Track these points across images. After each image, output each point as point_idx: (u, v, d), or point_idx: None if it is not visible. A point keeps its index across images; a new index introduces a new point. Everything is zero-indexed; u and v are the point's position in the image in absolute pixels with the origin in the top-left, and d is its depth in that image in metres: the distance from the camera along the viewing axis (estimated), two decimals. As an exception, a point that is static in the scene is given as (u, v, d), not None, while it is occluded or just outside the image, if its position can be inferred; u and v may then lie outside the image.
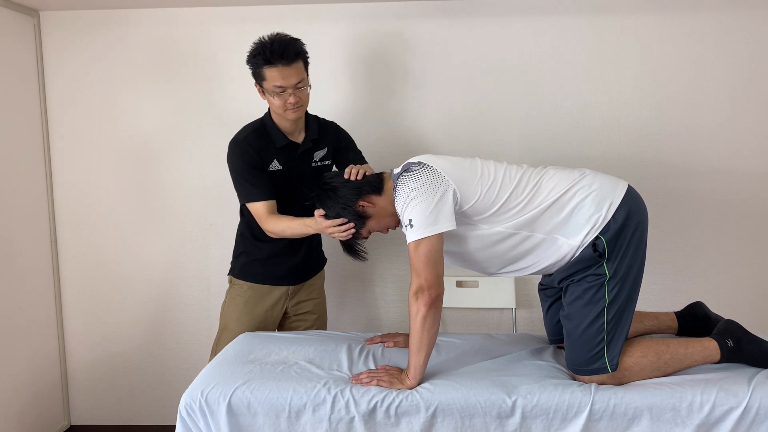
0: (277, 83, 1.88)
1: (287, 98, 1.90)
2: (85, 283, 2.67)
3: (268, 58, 1.86)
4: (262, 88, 1.95)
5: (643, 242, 1.66)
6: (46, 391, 2.61)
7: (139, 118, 2.58)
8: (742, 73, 2.42)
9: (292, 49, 1.89)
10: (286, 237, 1.98)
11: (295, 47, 1.90)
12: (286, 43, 1.88)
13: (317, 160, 2.11)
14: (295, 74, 1.90)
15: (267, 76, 1.89)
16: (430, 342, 1.60)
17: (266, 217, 1.96)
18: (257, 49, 1.89)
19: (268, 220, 1.96)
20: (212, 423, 1.56)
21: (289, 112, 1.94)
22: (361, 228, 1.73)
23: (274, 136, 2.01)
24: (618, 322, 1.62)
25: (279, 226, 1.94)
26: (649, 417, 1.51)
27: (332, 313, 2.66)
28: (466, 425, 1.53)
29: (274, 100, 1.92)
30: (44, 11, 2.53)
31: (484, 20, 2.46)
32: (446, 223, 1.57)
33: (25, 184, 2.49)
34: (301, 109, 1.97)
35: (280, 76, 1.87)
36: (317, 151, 2.10)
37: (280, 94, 1.90)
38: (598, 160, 2.48)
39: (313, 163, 2.09)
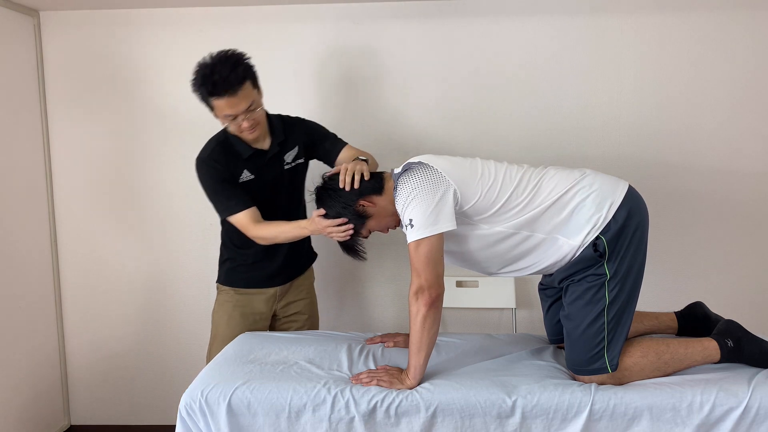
0: (225, 112, 1.80)
1: (240, 123, 1.83)
2: (85, 283, 2.67)
3: (211, 91, 1.76)
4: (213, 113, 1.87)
5: (644, 242, 1.66)
6: (46, 391, 2.61)
7: (139, 117, 2.58)
8: (742, 73, 2.42)
9: (236, 76, 1.76)
10: (279, 242, 1.95)
11: (238, 72, 1.76)
12: (229, 69, 1.75)
13: (289, 162, 2.04)
14: (244, 100, 1.79)
15: (215, 105, 1.80)
16: (430, 342, 1.60)
17: (252, 225, 1.90)
18: (200, 79, 1.77)
19: (255, 228, 1.90)
20: (212, 423, 1.56)
21: (246, 134, 1.88)
22: (361, 227, 1.73)
23: (238, 147, 1.94)
24: (618, 322, 1.62)
25: (269, 232, 1.90)
26: (649, 417, 1.51)
27: (331, 313, 2.67)
28: (466, 425, 1.53)
29: (228, 125, 1.87)
30: (44, 11, 2.53)
31: (484, 20, 2.46)
32: (446, 223, 1.57)
33: (25, 184, 2.49)
34: (258, 128, 1.89)
35: (228, 106, 1.78)
36: (287, 153, 2.03)
37: (231, 121, 1.83)
38: (598, 160, 2.48)
39: (285, 165, 2.03)
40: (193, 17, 2.52)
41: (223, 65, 1.76)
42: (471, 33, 2.47)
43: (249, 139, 1.92)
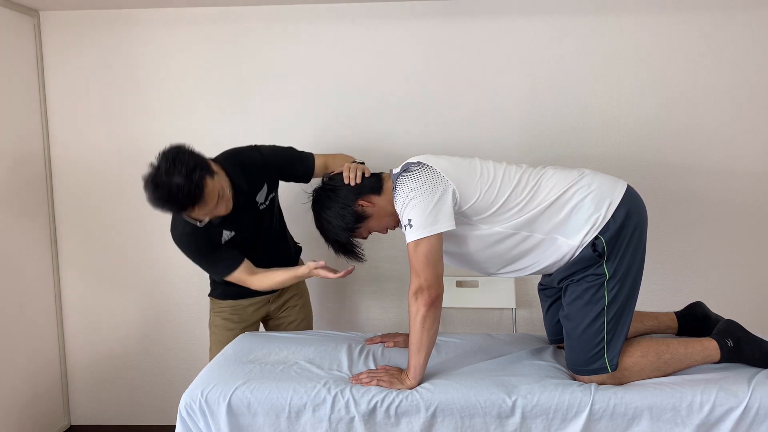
0: (200, 218, 1.76)
1: (215, 214, 1.79)
2: (85, 283, 2.68)
3: (181, 207, 1.69)
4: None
5: (643, 242, 1.66)
6: (46, 391, 2.61)
7: (139, 117, 2.58)
8: (742, 73, 2.42)
9: (196, 185, 1.65)
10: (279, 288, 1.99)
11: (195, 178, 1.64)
12: (184, 179, 1.63)
13: (262, 201, 1.98)
14: (211, 197, 1.71)
15: (187, 215, 1.75)
16: (429, 342, 1.60)
17: (249, 278, 1.92)
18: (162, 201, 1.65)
19: (253, 281, 1.92)
20: (212, 423, 1.56)
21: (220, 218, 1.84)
22: (360, 228, 1.73)
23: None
24: (618, 322, 1.62)
25: (267, 282, 1.92)
26: (649, 417, 1.51)
27: (331, 313, 2.67)
28: (466, 425, 1.53)
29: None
30: (44, 11, 2.53)
31: (484, 20, 2.46)
32: (445, 223, 1.57)
33: (25, 184, 2.49)
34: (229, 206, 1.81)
35: (201, 212, 1.73)
36: (257, 195, 1.96)
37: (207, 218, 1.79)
38: (598, 160, 2.48)
39: (260, 206, 1.98)
40: (193, 17, 2.52)
41: (178, 177, 1.63)
42: (471, 33, 2.47)
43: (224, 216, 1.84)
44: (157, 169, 1.65)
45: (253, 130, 2.54)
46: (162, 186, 1.64)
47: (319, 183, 1.81)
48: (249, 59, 2.52)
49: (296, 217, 2.25)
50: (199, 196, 1.67)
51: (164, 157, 1.67)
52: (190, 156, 1.70)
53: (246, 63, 2.52)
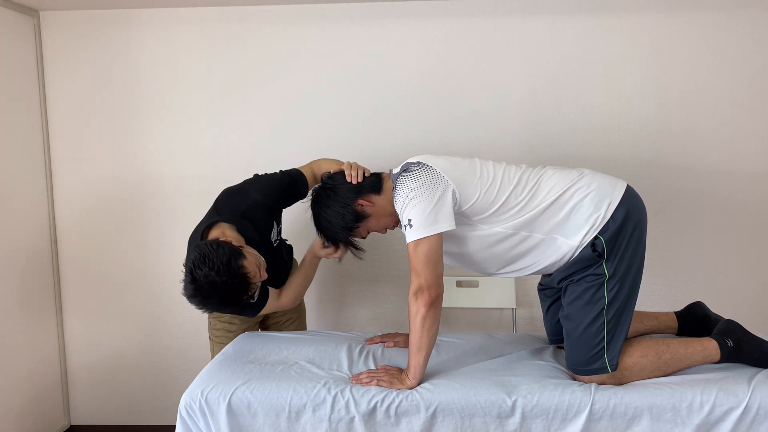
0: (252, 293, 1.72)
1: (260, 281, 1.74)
2: (85, 283, 2.68)
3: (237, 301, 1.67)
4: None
5: (642, 242, 1.66)
6: (46, 391, 2.61)
7: (139, 117, 2.58)
8: (742, 73, 2.42)
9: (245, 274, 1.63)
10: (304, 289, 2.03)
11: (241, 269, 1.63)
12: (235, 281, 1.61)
13: (276, 238, 1.98)
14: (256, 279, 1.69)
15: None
16: (430, 342, 1.60)
17: (279, 304, 1.97)
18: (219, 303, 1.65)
19: (282, 302, 1.97)
20: (212, 423, 1.56)
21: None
22: (360, 227, 1.73)
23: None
24: (617, 322, 1.62)
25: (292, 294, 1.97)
26: (649, 417, 1.51)
27: (331, 313, 2.67)
28: (466, 425, 1.53)
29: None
30: (44, 11, 2.53)
31: (484, 20, 2.46)
32: (445, 223, 1.57)
33: (25, 184, 2.49)
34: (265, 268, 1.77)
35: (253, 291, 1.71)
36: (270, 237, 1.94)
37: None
38: (598, 160, 2.48)
39: (274, 243, 1.97)
40: (193, 17, 2.52)
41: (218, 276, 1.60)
42: (471, 33, 2.47)
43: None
44: (193, 280, 1.60)
45: (253, 130, 2.54)
46: (209, 293, 1.61)
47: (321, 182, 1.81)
48: (249, 59, 2.52)
49: (297, 217, 2.25)
50: (247, 282, 1.64)
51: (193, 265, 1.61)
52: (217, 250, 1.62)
53: (246, 63, 2.52)
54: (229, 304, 1.67)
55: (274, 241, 1.98)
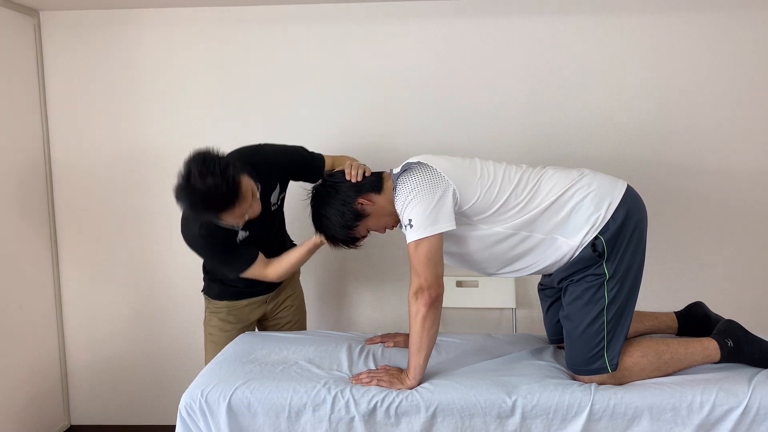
0: (237, 220, 1.72)
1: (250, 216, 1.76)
2: (85, 283, 2.68)
3: (221, 209, 1.64)
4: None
5: (643, 242, 1.66)
6: (46, 391, 2.61)
7: (139, 117, 2.58)
8: (742, 73, 2.42)
9: (232, 182, 1.62)
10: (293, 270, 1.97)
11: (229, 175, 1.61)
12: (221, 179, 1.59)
13: (275, 202, 1.97)
14: (247, 195, 1.69)
15: (224, 218, 1.69)
16: (430, 342, 1.60)
17: (265, 270, 1.92)
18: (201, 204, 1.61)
19: (268, 272, 1.93)
20: (212, 423, 1.56)
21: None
22: (359, 226, 1.72)
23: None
24: (618, 322, 1.62)
25: (283, 267, 1.93)
26: (649, 417, 1.51)
27: (331, 313, 2.67)
28: (466, 425, 1.53)
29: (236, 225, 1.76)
30: (44, 11, 2.53)
31: (484, 20, 2.46)
32: (446, 223, 1.57)
33: (25, 184, 2.49)
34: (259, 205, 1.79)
35: (240, 212, 1.69)
36: (270, 195, 1.94)
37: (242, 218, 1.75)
38: (598, 160, 2.48)
39: (272, 207, 1.96)
40: (193, 17, 2.52)
41: (212, 178, 1.58)
42: (471, 33, 2.47)
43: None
44: (188, 175, 1.58)
45: (253, 130, 2.54)
46: (197, 190, 1.58)
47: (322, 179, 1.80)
48: (249, 59, 2.52)
49: (297, 216, 2.24)
50: (237, 194, 1.63)
51: (193, 162, 1.60)
52: (218, 156, 1.64)
53: (246, 63, 2.53)
54: (215, 210, 1.62)
55: (274, 204, 1.97)
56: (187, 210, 1.65)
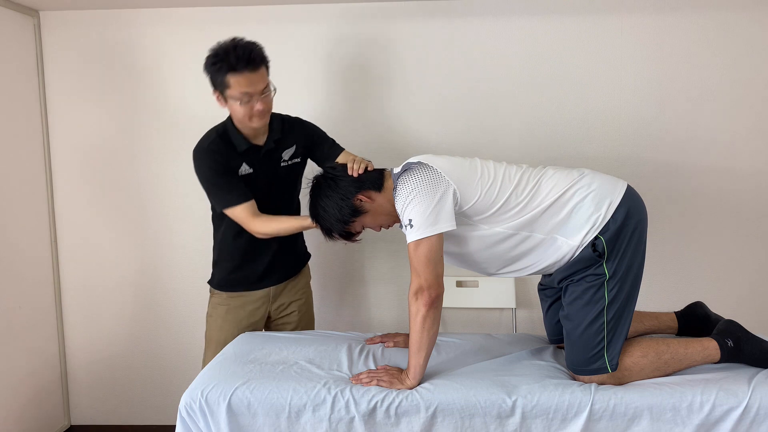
0: (243, 90, 1.79)
1: (254, 105, 1.82)
2: (85, 283, 2.68)
3: (233, 65, 1.76)
4: (223, 96, 1.85)
5: (643, 242, 1.66)
6: (46, 391, 2.61)
7: (139, 118, 2.58)
8: (742, 73, 2.42)
9: (258, 55, 1.80)
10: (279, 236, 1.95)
11: (260, 52, 1.82)
12: (250, 49, 1.78)
13: (286, 160, 2.03)
14: (261, 80, 1.82)
15: (231, 83, 1.79)
16: (430, 342, 1.60)
17: (251, 219, 1.89)
18: (218, 55, 1.78)
19: (254, 222, 1.90)
20: (212, 423, 1.56)
21: (255, 120, 1.86)
22: (355, 222, 1.72)
23: (235, 141, 1.92)
24: (618, 322, 1.62)
25: (270, 227, 1.90)
26: (649, 417, 1.51)
27: (331, 313, 2.67)
28: (466, 425, 1.53)
29: (238, 109, 1.83)
30: (44, 11, 2.53)
31: (484, 20, 2.46)
32: (446, 223, 1.57)
33: (25, 184, 2.49)
34: (266, 116, 1.89)
35: (247, 83, 1.78)
36: (285, 151, 2.02)
37: (246, 102, 1.81)
38: (598, 160, 2.48)
39: (282, 163, 2.02)
40: (193, 17, 2.52)
41: (242, 46, 1.78)
42: (471, 33, 2.47)
43: (255, 127, 1.90)
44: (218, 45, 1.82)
45: (253, 130, 2.54)
46: (224, 46, 1.79)
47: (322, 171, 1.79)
48: (249, 59, 2.52)
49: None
50: (254, 63, 1.77)
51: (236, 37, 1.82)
52: (259, 45, 1.84)
53: (246, 63, 2.52)
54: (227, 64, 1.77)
55: (284, 161, 2.02)
56: (205, 65, 1.83)
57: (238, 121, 1.91)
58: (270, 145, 1.98)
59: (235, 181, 1.91)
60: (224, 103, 1.88)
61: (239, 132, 1.93)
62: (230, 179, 1.91)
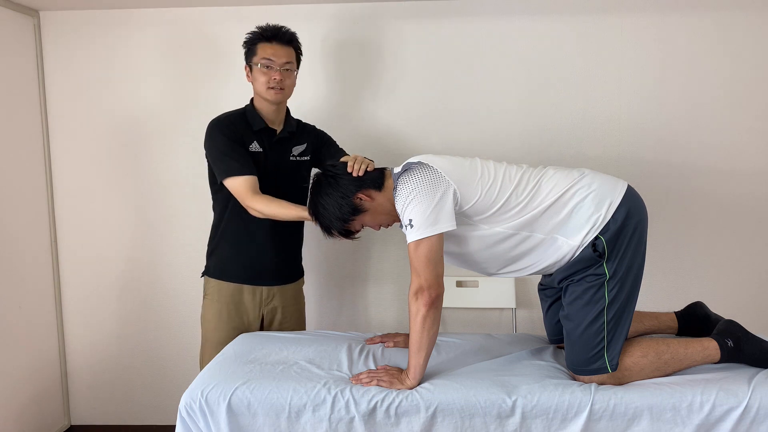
0: (267, 56, 1.95)
1: (273, 75, 1.94)
2: (85, 283, 2.68)
3: (266, 36, 1.97)
4: (250, 66, 2.00)
5: (643, 242, 1.66)
6: (46, 391, 2.61)
7: (139, 118, 2.58)
8: (742, 73, 2.42)
9: (288, 33, 2.00)
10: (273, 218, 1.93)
11: (292, 33, 2.01)
12: (282, 26, 2.00)
13: (296, 155, 2.09)
14: (286, 54, 1.97)
15: (259, 50, 1.96)
16: (430, 342, 1.60)
17: (250, 194, 1.90)
18: (255, 31, 2.00)
19: (253, 199, 1.89)
20: (212, 423, 1.56)
21: (272, 92, 1.96)
22: (355, 220, 1.72)
23: (251, 119, 2.02)
24: (618, 322, 1.62)
25: (269, 208, 1.89)
26: (649, 417, 1.51)
27: (332, 313, 2.67)
28: (466, 425, 1.53)
29: (259, 77, 1.96)
30: (44, 11, 2.53)
31: (484, 20, 2.46)
32: (446, 223, 1.57)
33: (25, 184, 2.49)
34: (283, 93, 1.99)
35: (272, 51, 1.95)
36: (296, 146, 2.10)
37: (266, 70, 1.95)
38: (598, 160, 2.48)
39: (291, 156, 2.08)
40: (193, 17, 2.52)
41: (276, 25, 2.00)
42: (471, 33, 2.47)
43: (272, 100, 1.98)
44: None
45: (253, 130, 2.54)
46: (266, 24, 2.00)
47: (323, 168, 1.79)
48: (249, 59, 2.52)
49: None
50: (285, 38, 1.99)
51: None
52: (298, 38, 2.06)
53: (246, 63, 2.52)
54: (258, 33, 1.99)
55: (293, 156, 2.09)
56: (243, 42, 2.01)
57: (258, 99, 2.02)
58: (284, 134, 2.07)
59: (243, 153, 1.96)
60: (249, 75, 2.02)
61: (258, 113, 2.03)
62: (239, 150, 1.96)
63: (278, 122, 2.07)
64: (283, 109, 2.08)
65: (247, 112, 2.04)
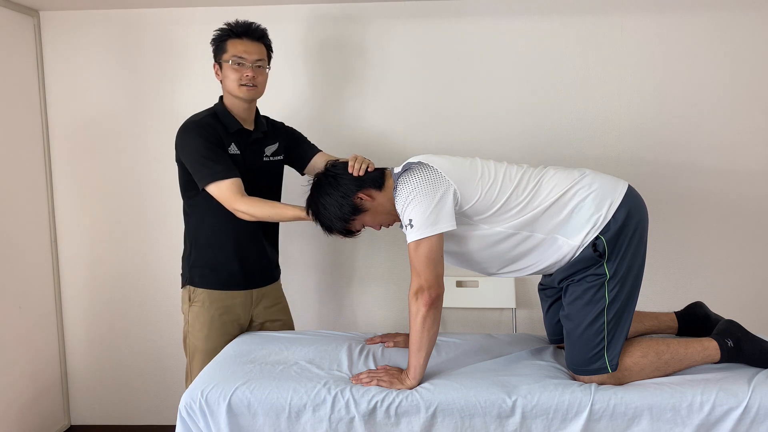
0: (238, 53, 1.91)
1: (245, 72, 1.90)
2: (85, 283, 2.68)
3: (235, 32, 1.93)
4: (220, 64, 1.95)
5: (644, 242, 1.66)
6: (46, 391, 2.61)
7: (139, 118, 2.58)
8: (742, 73, 2.42)
9: (258, 29, 1.96)
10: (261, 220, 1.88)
11: (262, 29, 1.98)
12: (252, 22, 1.96)
13: (269, 155, 2.05)
14: (257, 51, 1.94)
15: (229, 47, 1.92)
16: (430, 342, 1.60)
17: (238, 198, 1.83)
18: (226, 25, 1.95)
19: (242, 202, 1.83)
20: (212, 423, 1.56)
21: (245, 89, 1.91)
22: (355, 220, 1.71)
23: (226, 120, 1.94)
24: (618, 322, 1.62)
25: (261, 210, 1.83)
26: (649, 417, 1.51)
27: (332, 313, 2.67)
28: (466, 425, 1.53)
29: (230, 75, 1.91)
30: (44, 11, 2.53)
31: (484, 20, 2.46)
32: (446, 223, 1.57)
33: (25, 184, 2.49)
34: (256, 90, 1.95)
35: (243, 48, 1.92)
36: (268, 146, 2.06)
37: (238, 67, 1.91)
38: (598, 160, 2.48)
39: (264, 157, 2.04)
40: (193, 17, 2.52)
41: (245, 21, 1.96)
42: (471, 33, 2.47)
43: (243, 97, 1.93)
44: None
45: (253, 130, 2.54)
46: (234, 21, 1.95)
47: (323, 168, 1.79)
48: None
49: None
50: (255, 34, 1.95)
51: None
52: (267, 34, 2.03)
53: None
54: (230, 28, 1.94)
55: (266, 156, 2.05)
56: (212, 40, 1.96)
57: (228, 92, 1.96)
58: (259, 134, 2.03)
59: (224, 155, 1.89)
60: (219, 73, 1.97)
61: (230, 113, 1.97)
62: (220, 153, 1.88)
63: (250, 121, 2.02)
64: (253, 108, 2.03)
65: (218, 113, 1.96)
